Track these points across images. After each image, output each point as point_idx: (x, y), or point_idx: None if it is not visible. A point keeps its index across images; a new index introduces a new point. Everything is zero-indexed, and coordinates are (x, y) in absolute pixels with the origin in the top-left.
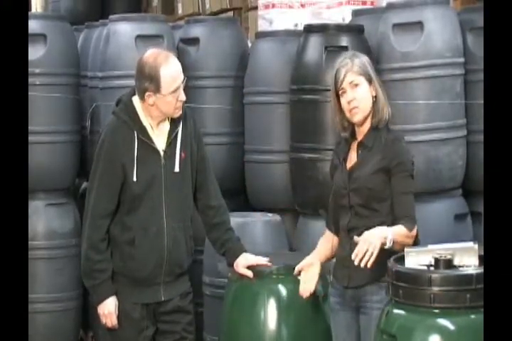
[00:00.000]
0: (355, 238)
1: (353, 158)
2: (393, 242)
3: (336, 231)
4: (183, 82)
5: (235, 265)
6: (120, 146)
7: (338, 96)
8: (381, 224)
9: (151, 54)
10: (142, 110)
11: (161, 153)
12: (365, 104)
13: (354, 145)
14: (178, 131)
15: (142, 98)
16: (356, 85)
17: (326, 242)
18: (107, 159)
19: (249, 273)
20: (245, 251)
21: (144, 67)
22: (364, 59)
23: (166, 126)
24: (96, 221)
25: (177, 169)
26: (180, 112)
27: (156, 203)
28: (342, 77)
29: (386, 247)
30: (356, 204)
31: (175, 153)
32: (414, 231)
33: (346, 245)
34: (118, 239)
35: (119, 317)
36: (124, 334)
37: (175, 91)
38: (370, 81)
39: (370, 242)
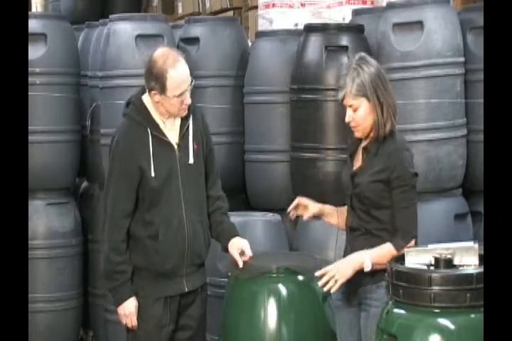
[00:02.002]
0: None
1: (359, 159)
2: (376, 264)
3: None
4: (190, 85)
5: (229, 247)
6: (134, 146)
7: None
8: (381, 230)
9: (162, 55)
10: (152, 106)
11: (175, 147)
12: (363, 124)
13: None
14: (189, 123)
15: (150, 94)
16: (355, 108)
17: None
18: (123, 160)
19: (239, 260)
20: (238, 235)
21: (152, 67)
22: (369, 73)
23: (177, 119)
24: (117, 222)
25: (191, 160)
26: (186, 112)
27: (174, 196)
28: (341, 99)
29: (366, 271)
30: (357, 208)
31: (188, 145)
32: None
33: (348, 244)
34: (140, 234)
35: (140, 313)
36: (145, 331)
37: (180, 95)
38: (370, 99)
39: (338, 271)
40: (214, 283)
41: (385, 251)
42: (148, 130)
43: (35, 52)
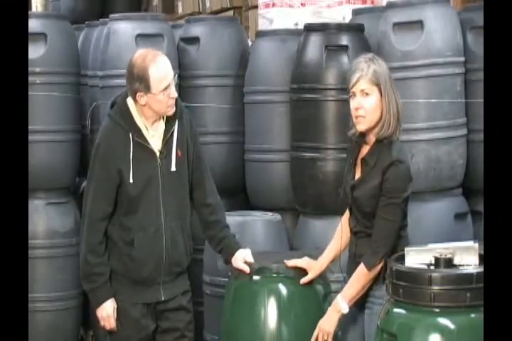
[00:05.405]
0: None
1: (359, 169)
2: (354, 296)
3: None
4: (173, 79)
5: (232, 261)
6: (115, 149)
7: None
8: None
9: (140, 55)
10: (136, 111)
11: (157, 154)
12: (371, 116)
13: (364, 150)
14: (174, 129)
15: (134, 99)
16: (367, 94)
17: (337, 238)
18: (103, 163)
19: (246, 268)
20: (240, 248)
21: (133, 69)
22: (382, 68)
23: (161, 125)
24: (94, 224)
25: (173, 168)
26: (174, 110)
27: (153, 204)
28: (354, 82)
29: (344, 312)
30: (358, 215)
31: (171, 152)
32: (378, 267)
33: (352, 245)
34: (117, 239)
35: (119, 317)
36: (124, 334)
37: (165, 89)
38: (382, 92)
39: (322, 329)
40: (214, 283)
41: (358, 276)
42: (130, 135)
43: (35, 51)
